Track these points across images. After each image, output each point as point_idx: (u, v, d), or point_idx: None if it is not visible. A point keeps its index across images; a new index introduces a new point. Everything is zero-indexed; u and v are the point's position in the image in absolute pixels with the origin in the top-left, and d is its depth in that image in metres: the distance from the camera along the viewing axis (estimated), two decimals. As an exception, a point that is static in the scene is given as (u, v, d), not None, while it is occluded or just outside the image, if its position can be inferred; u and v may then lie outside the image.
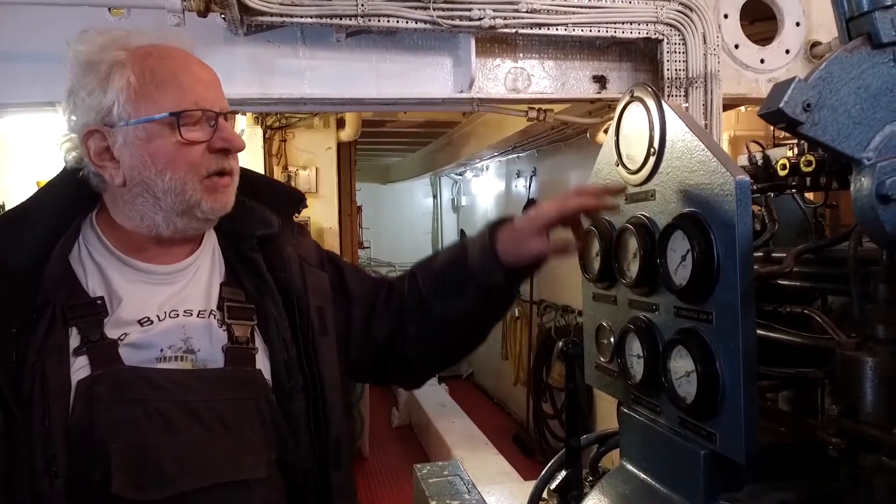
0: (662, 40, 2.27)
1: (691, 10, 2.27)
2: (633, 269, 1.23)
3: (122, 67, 1.11)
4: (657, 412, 1.20)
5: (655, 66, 2.37)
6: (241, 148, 1.19)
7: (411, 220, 10.61)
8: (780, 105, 0.67)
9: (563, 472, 1.47)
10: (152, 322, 1.13)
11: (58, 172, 1.22)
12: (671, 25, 2.26)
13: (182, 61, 1.16)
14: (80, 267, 1.14)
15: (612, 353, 1.33)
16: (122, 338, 1.09)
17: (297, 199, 1.40)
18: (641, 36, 2.26)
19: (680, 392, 1.09)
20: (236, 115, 1.21)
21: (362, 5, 2.05)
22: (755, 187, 1.37)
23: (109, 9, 2.12)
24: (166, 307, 1.15)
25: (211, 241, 1.27)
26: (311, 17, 2.05)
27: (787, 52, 2.49)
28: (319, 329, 1.27)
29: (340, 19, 2.07)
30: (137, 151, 1.12)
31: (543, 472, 1.54)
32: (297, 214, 1.39)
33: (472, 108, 2.40)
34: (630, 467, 1.29)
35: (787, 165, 1.31)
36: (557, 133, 5.39)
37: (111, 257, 1.16)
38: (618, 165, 1.32)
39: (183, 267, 1.20)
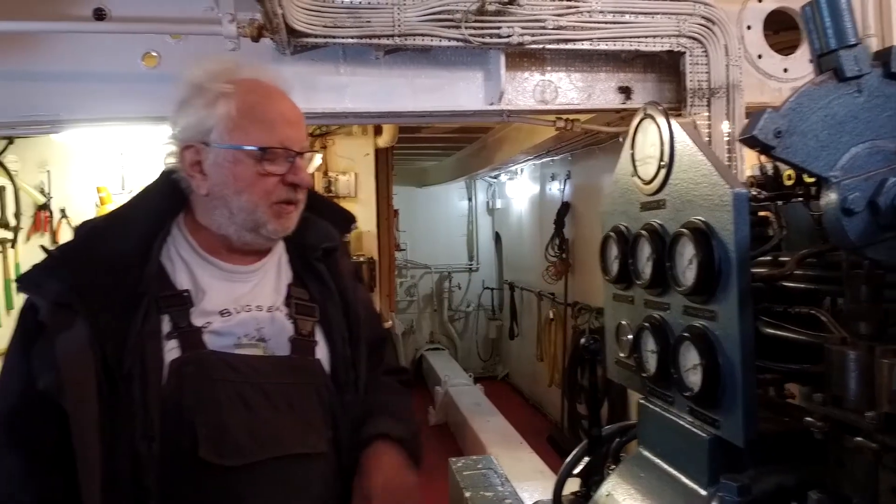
0: (685, 53, 2.36)
1: (713, 23, 2.36)
2: (647, 271, 1.34)
3: (227, 99, 1.29)
4: (670, 402, 1.31)
5: (679, 77, 2.46)
6: (309, 186, 1.36)
7: (447, 222, 10.75)
8: (754, 132, 0.79)
9: (586, 459, 1.59)
10: (231, 314, 1.30)
11: (158, 175, 1.40)
12: (693, 38, 2.35)
13: (278, 102, 1.34)
14: (169, 262, 1.32)
15: (630, 349, 1.45)
16: (205, 326, 1.27)
17: (349, 220, 1.58)
18: (664, 49, 2.36)
19: (688, 383, 1.20)
20: (314, 155, 1.38)
21: (398, 26, 2.20)
22: (763, 195, 1.47)
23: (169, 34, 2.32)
24: (241, 302, 1.33)
25: (278, 249, 1.44)
26: (351, 38, 2.21)
27: (811, 60, 2.54)
28: (363, 337, 1.45)
29: (379, 39, 2.23)
30: (223, 171, 1.29)
31: (568, 459, 1.65)
32: (348, 234, 1.56)
33: (503, 118, 2.53)
34: (646, 453, 1.40)
35: (793, 176, 1.40)
36: (591, 138, 5.45)
37: (196, 256, 1.34)
38: (633, 176, 1.44)
39: (255, 269, 1.38)
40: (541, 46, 2.32)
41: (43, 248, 1.32)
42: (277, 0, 1.93)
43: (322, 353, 1.38)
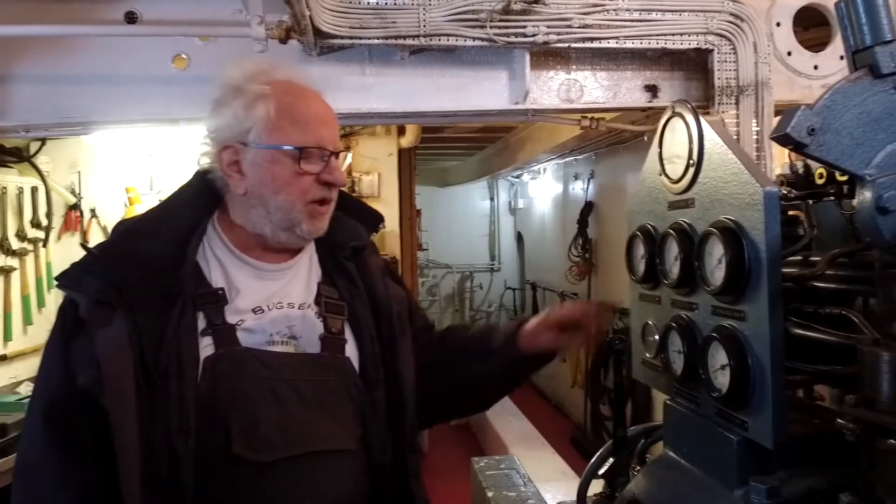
0: (713, 50, 2.34)
1: (742, 20, 2.33)
2: (675, 270, 1.33)
3: (265, 100, 1.31)
4: (696, 403, 1.30)
5: (706, 75, 2.44)
6: (343, 184, 1.39)
7: (468, 222, 10.76)
8: (787, 130, 0.78)
9: (611, 460, 1.59)
10: (263, 311, 1.32)
11: (192, 175, 1.43)
12: (721, 36, 2.32)
13: (312, 102, 1.36)
14: (205, 261, 1.34)
15: (657, 349, 1.44)
16: (239, 323, 1.29)
17: (377, 219, 1.60)
18: (692, 47, 2.34)
19: (715, 384, 1.19)
20: (345, 153, 1.40)
21: (424, 26, 2.21)
22: (794, 194, 1.45)
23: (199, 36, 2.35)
24: (274, 299, 1.34)
25: (309, 248, 1.46)
26: (377, 39, 2.22)
27: (841, 57, 2.50)
28: (400, 331, 1.46)
29: (404, 39, 2.24)
30: (262, 171, 1.31)
31: (593, 459, 1.65)
32: (375, 233, 1.58)
33: (527, 118, 2.53)
34: (671, 454, 1.39)
35: (824, 174, 1.38)
36: (615, 137, 5.41)
37: (230, 255, 1.36)
38: (660, 175, 1.43)
39: (287, 266, 1.40)
40: (566, 45, 2.32)
41: (83, 245, 1.36)
42: (305, 2, 1.94)
43: (351, 350, 1.39)
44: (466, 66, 2.43)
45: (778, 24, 2.49)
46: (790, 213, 1.45)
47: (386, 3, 2.21)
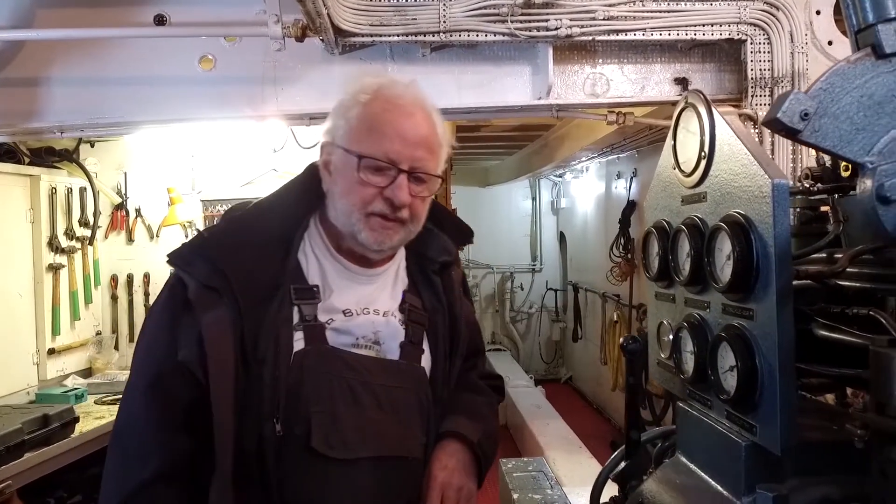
0: (746, 40, 2.25)
1: (777, 8, 2.24)
2: (687, 267, 1.28)
3: (359, 106, 1.34)
4: (708, 406, 1.25)
5: (740, 67, 2.34)
6: (403, 205, 1.33)
7: (509, 222, 10.66)
8: (778, 115, 0.73)
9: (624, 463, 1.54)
10: (352, 314, 1.36)
11: (305, 167, 1.47)
12: (755, 25, 2.23)
13: (401, 116, 1.34)
14: (304, 258, 1.38)
15: (670, 350, 1.39)
16: (328, 322, 1.32)
17: (467, 234, 1.59)
18: (723, 37, 2.26)
19: (725, 386, 1.14)
20: (430, 177, 1.37)
21: (444, 22, 2.20)
22: (818, 188, 1.37)
23: (224, 37, 2.40)
24: (362, 304, 1.38)
25: (399, 256, 1.49)
26: (398, 36, 2.22)
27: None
28: (460, 353, 1.48)
29: (424, 36, 2.23)
30: (337, 171, 1.36)
31: (607, 462, 1.61)
32: (462, 248, 1.59)
33: (551, 113, 2.49)
34: (683, 459, 1.34)
35: (850, 167, 1.31)
36: (657, 133, 5.29)
37: (328, 254, 1.40)
38: (674, 169, 1.38)
39: (378, 272, 1.43)
40: (591, 38, 2.27)
41: (184, 225, 1.41)
42: (322, 0, 1.95)
43: (426, 362, 1.41)
44: (488, 61, 2.41)
45: (818, 13, 2.38)
46: (821, 208, 1.38)
47: (406, 0, 2.21)
